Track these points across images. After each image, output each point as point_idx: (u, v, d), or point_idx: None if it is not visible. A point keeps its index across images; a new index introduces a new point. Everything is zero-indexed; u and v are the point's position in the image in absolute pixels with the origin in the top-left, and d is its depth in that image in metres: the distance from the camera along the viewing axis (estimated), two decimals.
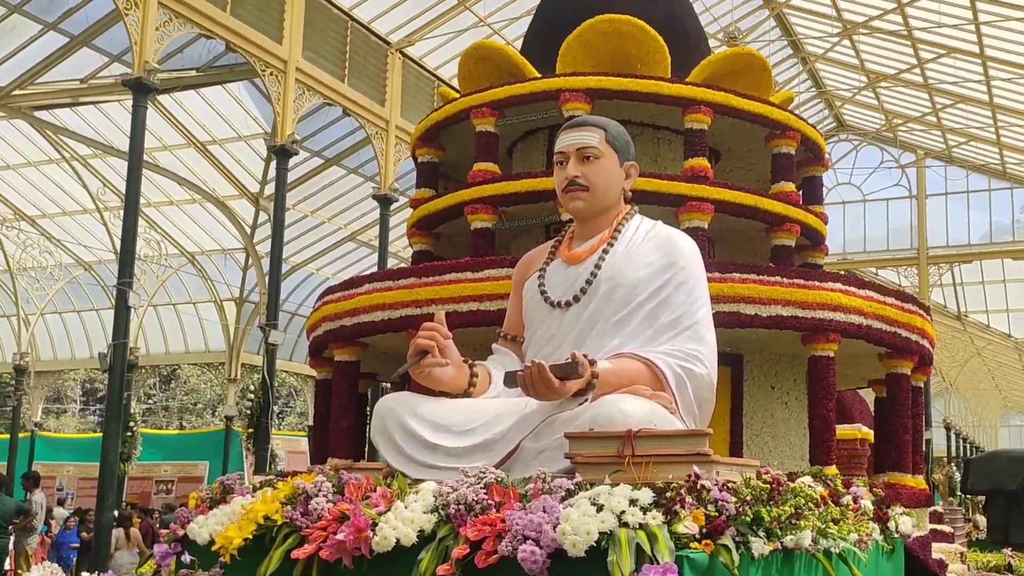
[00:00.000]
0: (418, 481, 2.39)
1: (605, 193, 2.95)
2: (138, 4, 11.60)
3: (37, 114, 16.93)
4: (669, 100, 6.57)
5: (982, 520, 16.33)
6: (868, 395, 11.46)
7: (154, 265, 20.17)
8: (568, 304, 2.87)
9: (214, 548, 2.45)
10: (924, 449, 8.49)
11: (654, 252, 2.90)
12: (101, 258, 21.46)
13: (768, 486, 2.09)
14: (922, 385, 6.97)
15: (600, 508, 1.91)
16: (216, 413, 33.07)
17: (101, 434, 12.17)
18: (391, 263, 17.78)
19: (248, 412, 13.49)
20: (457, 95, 7.37)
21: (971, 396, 34.12)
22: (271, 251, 13.82)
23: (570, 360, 2.47)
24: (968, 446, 31.29)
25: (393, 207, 16.60)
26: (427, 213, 7.15)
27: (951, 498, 20.86)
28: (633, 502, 1.92)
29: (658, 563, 1.77)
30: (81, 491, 20.44)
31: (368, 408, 8.27)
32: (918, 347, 6.38)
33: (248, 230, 19.01)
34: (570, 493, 2.05)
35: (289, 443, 20.18)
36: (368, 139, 16.13)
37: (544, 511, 1.94)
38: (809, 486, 2.28)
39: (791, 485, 2.19)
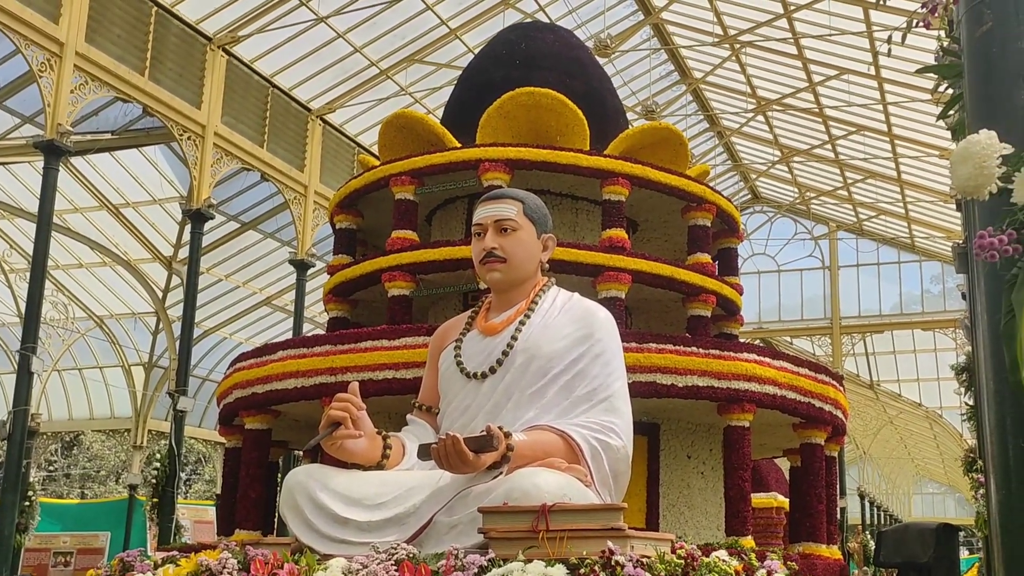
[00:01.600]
0: (328, 557, 2.34)
1: (522, 265, 2.98)
2: (53, 67, 11.43)
3: None
4: (588, 172, 6.69)
5: None
6: (783, 463, 11.66)
7: (60, 329, 19.59)
8: (484, 375, 2.86)
9: None
10: (839, 518, 8.64)
11: (571, 324, 2.92)
12: (5, 321, 20.78)
13: (683, 561, 2.10)
14: (835, 455, 7.11)
15: None
16: (120, 481, 31.94)
17: None
18: (307, 328, 17.59)
19: (153, 481, 13.07)
20: (377, 163, 7.39)
21: (884, 464, 34.87)
22: (183, 315, 13.56)
23: (485, 433, 2.46)
24: (882, 514, 31.82)
25: (310, 272, 16.47)
26: (344, 279, 7.11)
27: (866, 567, 21.15)
28: None
29: None
30: None
31: (279, 477, 8.09)
32: (831, 417, 6.52)
33: (160, 294, 18.65)
34: (483, 570, 2.02)
35: (195, 512, 19.50)
36: (286, 204, 16.05)
37: None
38: (723, 560, 2.29)
39: (705, 560, 2.20)
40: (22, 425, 10.34)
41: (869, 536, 23.66)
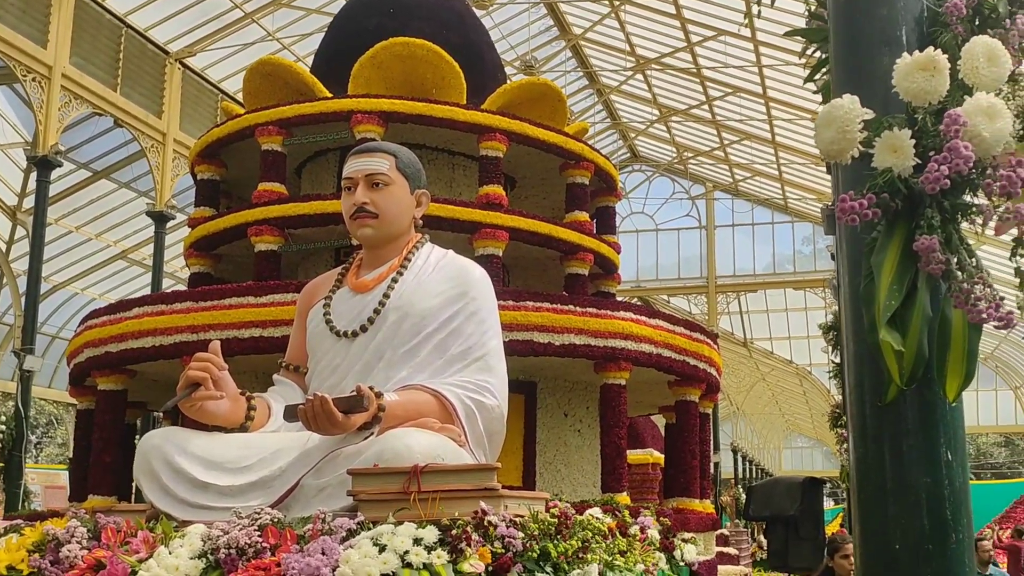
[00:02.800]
0: (186, 523, 2.28)
1: (395, 221, 2.94)
2: None
3: None
4: (464, 126, 6.66)
5: (765, 541, 17.39)
6: (659, 419, 11.98)
7: None
8: (354, 334, 2.83)
9: None
10: (712, 472, 8.98)
11: (445, 281, 2.90)
12: None
13: (556, 520, 2.13)
14: (709, 412, 7.36)
15: (383, 548, 1.88)
16: None
17: None
18: (166, 284, 17.07)
19: None
20: (242, 111, 7.20)
21: (756, 419, 36.31)
22: (28, 269, 12.97)
23: (355, 393, 2.43)
24: (754, 468, 33.16)
25: (170, 225, 15.97)
26: (207, 233, 6.93)
27: (738, 519, 22.04)
28: (417, 541, 1.91)
29: None
30: None
31: (136, 440, 7.87)
32: (705, 375, 6.72)
33: (2, 246, 17.78)
34: (351, 533, 2.00)
35: (46, 477, 18.85)
36: (143, 152, 15.47)
37: (323, 553, 1.89)
38: (597, 518, 2.34)
39: (579, 518, 2.23)
40: None
41: (741, 490, 24.66)
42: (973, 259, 1.59)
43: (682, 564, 3.07)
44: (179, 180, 15.89)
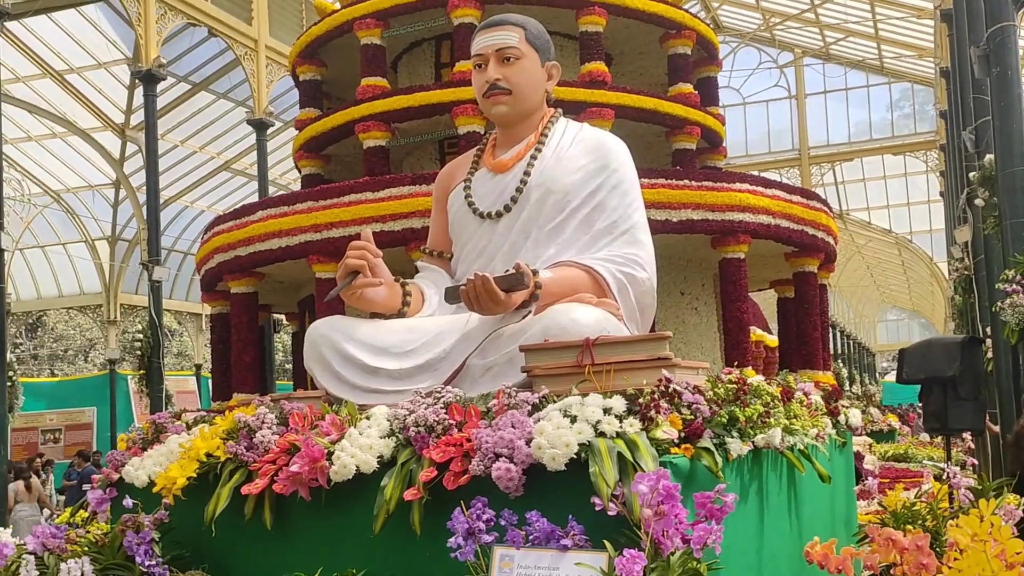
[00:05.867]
0: (362, 407, 2.30)
1: (528, 96, 2.85)
2: None
3: None
4: (562, 2, 6.48)
5: (876, 412, 17.33)
6: (759, 298, 11.83)
7: (17, 205, 19.11)
8: (499, 215, 2.78)
9: (155, 490, 2.33)
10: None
11: (584, 155, 2.83)
12: None
13: (735, 386, 2.07)
14: (827, 282, 7.17)
15: (574, 419, 1.86)
16: (88, 359, 31.97)
17: None
18: (272, 192, 17.29)
19: (139, 352, 13.05)
20: (335, 7, 7.13)
21: (851, 294, 35.58)
22: (147, 183, 13.23)
23: (514, 271, 2.39)
24: (850, 342, 32.62)
25: (269, 132, 16.05)
26: (315, 134, 6.94)
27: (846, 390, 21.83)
28: (607, 411, 1.88)
29: (643, 470, 1.73)
30: None
31: (265, 342, 8.10)
32: (824, 244, 6.54)
33: (116, 164, 18.17)
34: (536, 407, 1.98)
35: (176, 384, 19.66)
36: (237, 60, 15.49)
37: (513, 426, 1.88)
38: (767, 384, 2.28)
39: (754, 385, 2.18)
40: None
41: (841, 365, 24.35)
42: None
43: (846, 429, 3.01)
44: (273, 86, 15.93)
